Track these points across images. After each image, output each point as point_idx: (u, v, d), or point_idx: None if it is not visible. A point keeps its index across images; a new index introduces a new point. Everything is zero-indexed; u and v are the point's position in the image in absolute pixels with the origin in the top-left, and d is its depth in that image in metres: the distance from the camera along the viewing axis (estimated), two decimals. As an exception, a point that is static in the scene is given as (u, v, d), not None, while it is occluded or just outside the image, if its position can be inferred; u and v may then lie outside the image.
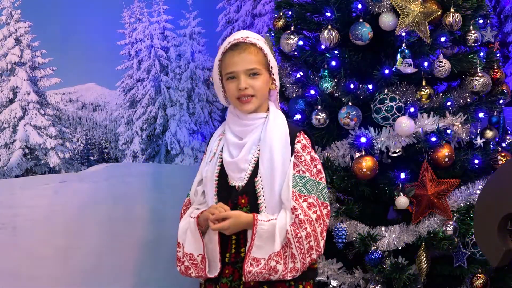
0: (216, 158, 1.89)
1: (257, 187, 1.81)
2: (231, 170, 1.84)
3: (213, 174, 1.87)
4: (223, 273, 1.83)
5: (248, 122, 1.87)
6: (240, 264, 1.79)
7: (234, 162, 1.83)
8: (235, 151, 1.85)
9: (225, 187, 1.85)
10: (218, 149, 1.90)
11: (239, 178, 1.83)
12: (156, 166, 14.79)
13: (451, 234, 2.74)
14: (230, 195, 1.84)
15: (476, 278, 2.81)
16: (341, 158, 2.87)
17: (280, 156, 1.82)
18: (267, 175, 1.81)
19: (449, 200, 2.79)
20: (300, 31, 3.13)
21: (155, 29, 22.97)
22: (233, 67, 1.84)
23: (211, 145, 1.94)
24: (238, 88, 1.83)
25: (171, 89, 22.11)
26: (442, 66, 2.83)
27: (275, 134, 1.85)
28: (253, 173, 1.83)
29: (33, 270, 4.82)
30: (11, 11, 19.63)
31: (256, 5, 20.35)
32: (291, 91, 3.08)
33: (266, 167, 1.81)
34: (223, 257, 1.83)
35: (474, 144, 2.95)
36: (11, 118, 19.59)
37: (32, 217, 6.77)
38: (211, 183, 1.86)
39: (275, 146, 1.83)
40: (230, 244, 1.84)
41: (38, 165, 18.96)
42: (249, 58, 1.84)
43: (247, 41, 1.87)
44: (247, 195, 1.82)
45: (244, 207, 1.82)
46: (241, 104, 1.85)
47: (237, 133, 1.88)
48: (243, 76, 1.83)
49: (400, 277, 2.71)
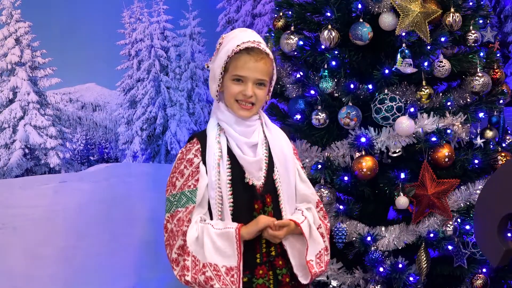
0: (224, 159, 1.85)
1: (277, 185, 1.87)
2: (254, 169, 1.84)
3: (225, 176, 1.83)
4: (256, 275, 1.83)
5: (249, 123, 1.88)
6: (271, 262, 1.85)
7: (257, 161, 1.84)
8: (248, 150, 1.86)
9: (243, 186, 1.84)
10: (223, 151, 1.86)
11: (258, 177, 1.85)
12: (156, 166, 14.80)
13: (451, 234, 2.74)
14: (252, 194, 1.84)
15: (476, 278, 2.82)
16: (341, 158, 2.87)
17: (289, 153, 1.92)
18: (282, 170, 1.88)
19: (449, 200, 2.79)
20: (300, 31, 3.13)
21: (155, 29, 22.87)
22: (245, 72, 1.83)
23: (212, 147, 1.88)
24: (243, 94, 1.83)
25: (171, 89, 21.98)
26: (442, 66, 2.83)
27: (279, 133, 1.94)
28: (269, 171, 1.86)
29: (33, 270, 4.82)
30: (11, 11, 19.54)
31: (256, 5, 20.29)
32: (291, 91, 3.08)
33: (281, 164, 1.88)
34: (254, 258, 1.84)
35: (474, 144, 2.95)
36: (11, 118, 19.49)
37: (32, 217, 6.78)
38: (225, 186, 1.83)
39: (283, 143, 1.92)
40: (259, 245, 1.84)
41: (38, 165, 18.89)
42: (262, 69, 1.84)
43: (261, 47, 1.85)
44: (270, 193, 1.86)
45: (269, 205, 1.86)
46: (239, 108, 1.85)
47: (239, 133, 1.87)
48: (251, 84, 1.83)
49: (400, 277, 2.71)
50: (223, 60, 1.83)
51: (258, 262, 1.84)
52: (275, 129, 1.94)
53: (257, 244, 1.84)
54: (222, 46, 1.87)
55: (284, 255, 1.86)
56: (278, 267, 1.85)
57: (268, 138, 1.90)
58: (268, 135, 1.90)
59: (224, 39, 1.88)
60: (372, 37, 2.80)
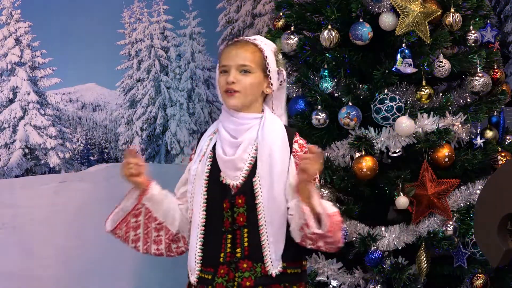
0: (206, 156, 1.86)
1: (255, 187, 1.79)
2: (228, 168, 1.82)
3: (203, 171, 1.84)
4: (217, 273, 1.80)
5: (243, 121, 1.84)
6: (235, 264, 1.78)
7: (231, 160, 1.81)
8: (230, 150, 1.83)
9: (217, 184, 1.82)
10: (208, 148, 1.87)
11: (234, 177, 1.81)
12: (156, 166, 14.81)
13: (451, 234, 2.74)
14: (224, 193, 1.82)
15: (476, 278, 2.81)
16: (341, 158, 2.87)
17: (280, 156, 1.81)
18: (265, 175, 1.79)
19: (449, 200, 2.79)
20: (300, 31, 3.13)
21: (155, 29, 22.88)
22: (227, 60, 1.83)
23: (201, 144, 1.91)
24: (226, 81, 1.82)
25: (171, 89, 22.01)
26: (442, 66, 2.83)
27: (274, 134, 1.84)
28: (251, 173, 1.81)
29: (33, 270, 4.82)
30: (11, 11, 19.57)
31: (256, 5, 20.29)
32: (291, 91, 3.07)
33: (265, 167, 1.80)
34: (218, 257, 1.81)
35: (474, 144, 2.94)
36: (11, 118, 19.51)
37: (32, 217, 6.79)
38: (200, 181, 1.83)
39: (274, 146, 1.82)
40: (225, 244, 1.81)
41: (38, 165, 18.89)
42: (244, 55, 1.82)
43: (250, 40, 1.87)
44: (244, 195, 1.80)
45: (241, 207, 1.79)
46: (227, 97, 1.83)
47: (230, 131, 1.85)
48: (233, 71, 1.82)
49: (400, 277, 2.71)
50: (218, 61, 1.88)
51: (221, 261, 1.80)
52: (271, 130, 1.84)
53: (223, 243, 1.80)
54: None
55: (252, 259, 1.78)
56: (241, 269, 1.78)
57: (258, 139, 1.83)
58: (260, 136, 1.83)
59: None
60: (372, 37, 2.80)
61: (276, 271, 1.77)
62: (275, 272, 1.77)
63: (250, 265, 1.77)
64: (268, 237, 1.77)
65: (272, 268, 1.77)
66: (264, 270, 1.77)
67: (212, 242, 1.80)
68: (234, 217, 1.79)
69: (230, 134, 1.84)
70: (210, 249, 1.80)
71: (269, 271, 1.76)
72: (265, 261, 1.77)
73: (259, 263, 1.77)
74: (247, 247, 1.78)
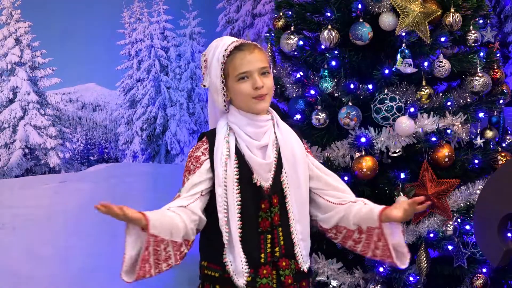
0: (232, 159, 1.84)
1: (284, 186, 1.85)
2: (263, 171, 1.84)
3: (232, 174, 1.83)
4: (259, 274, 1.83)
5: (262, 123, 1.87)
6: (276, 263, 1.84)
7: (267, 163, 1.84)
8: (258, 152, 1.85)
9: (250, 186, 1.84)
10: (231, 151, 1.85)
11: (266, 179, 1.85)
12: (156, 166, 14.80)
13: (451, 234, 2.74)
14: (258, 194, 1.84)
15: (476, 278, 2.82)
16: (341, 158, 2.87)
17: (301, 154, 1.89)
18: (291, 172, 1.86)
19: (449, 200, 2.79)
20: (300, 31, 3.13)
21: (155, 29, 22.88)
22: (246, 66, 1.82)
23: (219, 146, 1.87)
24: (254, 87, 1.81)
25: (171, 89, 22.00)
26: (442, 66, 2.83)
27: (290, 133, 1.91)
28: (276, 173, 1.86)
29: (33, 270, 4.82)
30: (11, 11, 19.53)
31: (256, 5, 20.29)
32: (291, 91, 3.08)
33: (290, 166, 1.86)
34: (258, 257, 1.84)
35: (474, 144, 2.95)
36: (11, 118, 19.47)
37: (32, 217, 6.79)
38: (232, 184, 1.83)
39: (294, 144, 1.89)
40: (264, 245, 1.84)
41: (38, 165, 18.86)
42: (259, 57, 1.84)
43: (250, 42, 1.88)
44: (277, 194, 1.86)
45: (276, 206, 1.85)
46: (257, 102, 1.83)
47: (251, 135, 1.86)
48: (256, 75, 1.82)
49: (400, 277, 2.71)
50: (218, 68, 1.83)
51: (262, 262, 1.83)
52: (286, 129, 1.92)
53: (262, 244, 1.84)
54: (208, 61, 1.87)
55: (288, 256, 1.85)
56: (282, 268, 1.85)
57: (278, 139, 1.88)
58: (279, 136, 1.88)
59: (207, 54, 1.89)
60: (372, 37, 2.80)
61: (306, 266, 1.88)
62: (306, 267, 1.88)
63: (287, 262, 1.85)
64: (297, 234, 1.86)
65: (303, 264, 1.87)
66: (298, 267, 1.86)
67: (250, 244, 1.82)
68: (272, 217, 1.85)
69: (251, 137, 1.86)
70: (249, 250, 1.82)
71: (302, 267, 1.87)
72: (297, 258, 1.86)
73: (292, 260, 1.86)
74: (283, 246, 1.85)
